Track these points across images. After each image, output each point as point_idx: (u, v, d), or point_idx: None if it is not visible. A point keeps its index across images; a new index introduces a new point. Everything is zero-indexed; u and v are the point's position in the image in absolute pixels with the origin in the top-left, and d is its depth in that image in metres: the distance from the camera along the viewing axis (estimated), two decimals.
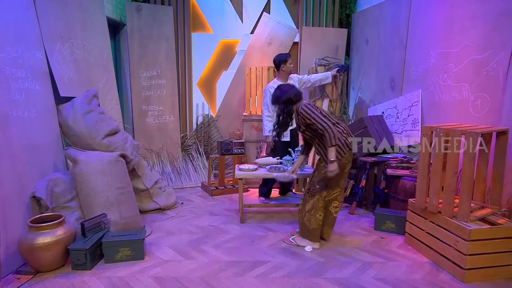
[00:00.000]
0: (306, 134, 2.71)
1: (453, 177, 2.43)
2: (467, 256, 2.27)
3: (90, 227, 2.59)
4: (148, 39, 4.51)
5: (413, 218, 2.81)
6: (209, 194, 4.24)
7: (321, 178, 2.68)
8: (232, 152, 4.28)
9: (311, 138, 2.70)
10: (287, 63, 3.73)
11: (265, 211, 3.71)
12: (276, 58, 3.78)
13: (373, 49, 4.42)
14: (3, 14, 2.48)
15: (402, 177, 3.29)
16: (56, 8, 3.08)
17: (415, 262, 2.57)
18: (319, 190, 2.70)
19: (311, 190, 2.74)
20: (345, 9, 4.96)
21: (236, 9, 4.89)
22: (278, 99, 2.72)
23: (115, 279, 2.31)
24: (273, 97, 2.78)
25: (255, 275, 2.37)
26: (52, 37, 2.98)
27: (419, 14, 3.65)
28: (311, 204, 2.73)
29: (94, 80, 3.54)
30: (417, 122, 3.62)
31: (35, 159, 2.67)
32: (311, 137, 2.69)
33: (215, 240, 2.94)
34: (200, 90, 5.06)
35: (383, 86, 4.24)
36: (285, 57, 3.74)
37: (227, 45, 4.96)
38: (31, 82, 2.63)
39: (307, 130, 2.65)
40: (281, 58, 3.74)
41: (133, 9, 4.41)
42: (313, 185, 2.74)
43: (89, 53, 3.48)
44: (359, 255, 2.67)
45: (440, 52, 3.35)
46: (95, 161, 2.84)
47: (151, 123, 4.65)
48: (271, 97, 2.84)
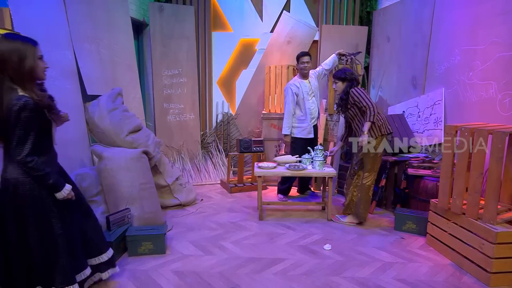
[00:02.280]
0: (349, 113, 3.13)
1: (479, 178, 2.37)
2: (493, 260, 2.21)
3: (114, 220, 2.68)
4: (170, 38, 4.61)
5: (435, 219, 2.75)
6: (228, 191, 4.30)
7: (359, 159, 3.08)
8: (251, 150, 4.31)
9: (352, 116, 3.12)
10: (298, 62, 3.78)
11: (284, 208, 3.73)
12: (297, 56, 3.86)
13: (395, 47, 4.34)
14: (37, 16, 2.60)
15: (424, 177, 3.23)
16: (84, 9, 3.21)
17: (437, 264, 2.52)
18: (357, 171, 3.12)
19: (352, 172, 3.18)
20: (365, 6, 4.89)
21: (256, 8, 4.91)
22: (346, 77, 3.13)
23: (138, 272, 2.38)
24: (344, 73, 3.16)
25: (274, 272, 2.40)
26: (80, 37, 3.10)
27: (443, 10, 3.56)
28: (354, 185, 3.16)
29: (119, 79, 3.65)
30: (440, 121, 3.54)
31: (64, 154, 2.77)
32: (353, 115, 3.11)
33: (234, 236, 2.98)
34: (220, 88, 5.12)
35: (404, 84, 4.16)
36: (299, 55, 3.79)
37: (246, 43, 5.00)
38: (61, 81, 2.75)
39: (352, 108, 3.09)
40: (297, 56, 3.83)
41: (156, 9, 4.51)
42: (352, 168, 3.17)
43: (114, 52, 3.59)
44: (378, 255, 2.65)
45: (465, 49, 3.26)
46: (119, 158, 2.94)
47: (172, 120, 4.75)
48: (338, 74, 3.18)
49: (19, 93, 1.60)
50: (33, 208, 1.69)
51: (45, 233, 1.73)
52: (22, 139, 1.58)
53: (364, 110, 2.96)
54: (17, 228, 1.69)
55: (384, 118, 3.11)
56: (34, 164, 1.63)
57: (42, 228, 1.72)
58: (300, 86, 3.78)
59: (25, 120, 1.57)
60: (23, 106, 1.56)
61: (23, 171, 1.65)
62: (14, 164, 1.65)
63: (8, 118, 1.56)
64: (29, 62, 1.61)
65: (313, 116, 3.87)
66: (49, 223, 1.74)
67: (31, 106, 1.58)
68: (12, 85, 1.60)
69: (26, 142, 1.59)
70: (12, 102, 1.56)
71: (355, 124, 3.13)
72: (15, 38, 1.63)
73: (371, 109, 2.92)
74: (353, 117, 3.13)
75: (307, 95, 3.80)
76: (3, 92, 1.58)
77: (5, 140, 1.64)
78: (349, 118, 3.19)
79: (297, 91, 3.77)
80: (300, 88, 3.78)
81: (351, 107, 3.10)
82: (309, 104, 3.81)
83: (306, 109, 3.80)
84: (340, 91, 3.19)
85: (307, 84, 3.82)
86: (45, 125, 1.71)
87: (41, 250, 1.72)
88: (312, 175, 3.44)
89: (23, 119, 1.56)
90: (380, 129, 3.01)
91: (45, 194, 1.72)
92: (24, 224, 1.69)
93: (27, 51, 1.61)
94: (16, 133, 1.57)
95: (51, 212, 1.75)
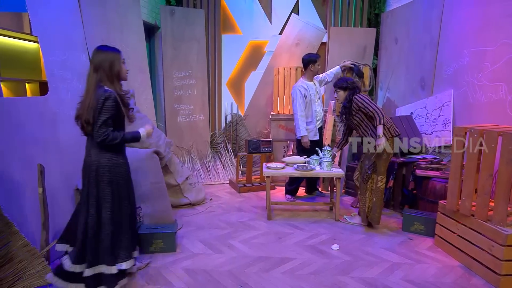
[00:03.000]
0: (355, 119, 3.14)
1: (488, 179, 2.37)
2: (503, 262, 2.21)
3: None
4: (180, 41, 4.69)
5: (443, 220, 2.76)
6: (237, 191, 4.35)
7: (371, 163, 3.05)
8: (260, 150, 4.35)
9: (359, 122, 3.13)
10: (315, 64, 3.77)
11: (292, 208, 3.76)
12: (306, 57, 3.83)
13: (403, 49, 4.35)
14: (54, 20, 2.69)
15: (432, 178, 3.23)
16: (98, 12, 3.29)
17: (445, 265, 2.53)
18: (370, 175, 3.07)
19: (365, 177, 3.09)
20: (374, 8, 4.90)
21: (265, 11, 4.96)
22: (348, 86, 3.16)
23: (149, 269, 2.44)
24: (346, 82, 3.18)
25: (282, 271, 2.43)
26: (95, 40, 3.18)
27: (452, 12, 3.56)
28: (368, 189, 3.09)
29: (131, 81, 3.72)
30: (449, 123, 3.53)
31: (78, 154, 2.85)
32: (359, 121, 3.12)
33: (243, 235, 3.03)
34: (229, 90, 5.18)
35: (412, 85, 4.16)
36: (315, 57, 3.78)
37: (255, 46, 5.05)
38: (77, 83, 2.83)
39: (358, 114, 3.10)
40: (311, 58, 3.79)
41: (167, 12, 4.60)
42: (365, 172, 3.08)
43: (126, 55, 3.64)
44: (386, 256, 2.66)
45: (474, 50, 3.26)
46: (132, 157, 2.99)
47: (182, 121, 4.82)
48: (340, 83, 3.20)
49: (106, 88, 1.99)
50: (110, 188, 2.04)
51: (116, 211, 2.07)
52: (104, 122, 1.94)
53: (371, 115, 3.00)
54: (96, 205, 2.02)
55: (390, 120, 3.13)
56: (112, 136, 1.97)
57: (114, 206, 2.06)
58: (307, 88, 3.81)
59: (108, 107, 1.95)
60: (108, 96, 1.95)
61: (103, 155, 2.02)
62: (96, 150, 2.03)
63: (96, 106, 1.93)
64: (117, 67, 2.05)
65: (318, 118, 3.90)
66: (120, 203, 2.09)
67: (114, 97, 1.97)
68: (102, 83, 2.00)
69: (106, 125, 1.96)
70: (101, 94, 1.95)
71: (362, 130, 3.14)
72: (105, 49, 2.05)
73: (379, 113, 2.96)
74: (360, 123, 3.13)
75: (314, 97, 3.83)
76: (96, 87, 1.98)
77: (92, 127, 1.99)
78: (355, 124, 3.18)
79: (305, 93, 3.79)
80: (308, 90, 3.81)
81: (356, 114, 3.11)
82: (315, 106, 3.84)
83: (313, 111, 3.83)
84: (342, 100, 3.20)
85: (314, 86, 3.85)
86: (120, 117, 2.07)
87: (111, 225, 2.05)
88: (320, 175, 3.47)
89: (107, 106, 1.94)
90: (390, 130, 3.03)
91: (119, 177, 2.09)
92: (101, 201, 2.03)
93: (114, 58, 2.04)
94: (100, 118, 1.94)
95: (123, 193, 2.10)
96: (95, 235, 2.02)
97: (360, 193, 3.18)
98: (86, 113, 1.95)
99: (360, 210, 3.21)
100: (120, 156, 2.13)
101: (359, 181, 3.20)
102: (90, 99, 1.96)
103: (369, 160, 3.08)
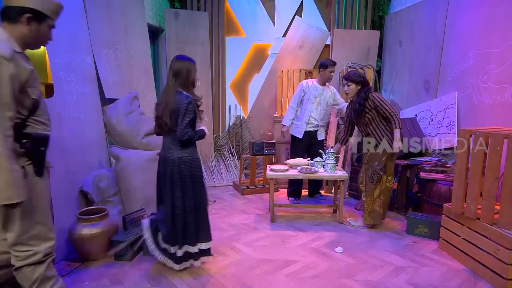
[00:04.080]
0: (366, 117, 3.09)
1: (494, 182, 2.35)
2: (509, 266, 2.19)
3: (130, 221, 2.75)
4: (185, 43, 4.71)
5: (448, 223, 2.74)
6: (240, 193, 4.35)
7: (383, 165, 3.07)
8: (263, 152, 4.36)
9: (370, 121, 3.09)
10: (325, 70, 3.76)
11: (295, 211, 3.75)
12: (321, 61, 3.86)
13: (407, 51, 4.34)
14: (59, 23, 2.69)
15: (437, 181, 3.21)
16: (103, 15, 3.32)
17: (450, 269, 2.51)
18: (381, 176, 3.09)
19: (375, 178, 3.08)
20: (377, 11, 4.90)
21: (269, 13, 4.98)
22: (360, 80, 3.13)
23: (153, 271, 2.44)
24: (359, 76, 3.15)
25: (286, 274, 2.43)
26: (100, 42, 3.21)
27: (457, 14, 3.55)
28: (378, 190, 3.11)
29: (135, 83, 3.75)
30: (453, 125, 3.51)
31: (83, 156, 2.89)
32: (370, 119, 3.08)
33: (247, 238, 3.02)
34: (233, 92, 5.19)
35: (416, 88, 4.15)
36: (326, 63, 3.77)
37: (259, 48, 5.06)
38: (81, 85, 2.85)
39: (371, 113, 3.06)
40: (322, 63, 3.80)
41: (172, 15, 4.63)
42: (375, 173, 3.07)
43: (131, 57, 3.70)
44: (390, 259, 2.65)
45: (479, 52, 3.24)
46: (135, 159, 3.02)
47: None
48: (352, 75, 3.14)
49: (185, 93, 2.26)
50: (190, 179, 2.32)
51: (197, 199, 2.35)
52: (187, 123, 2.21)
53: (387, 116, 3.00)
54: (181, 195, 2.30)
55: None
56: (192, 135, 2.25)
57: (195, 195, 2.35)
58: (311, 87, 3.82)
59: (191, 110, 2.22)
60: (191, 100, 2.22)
61: (184, 152, 2.29)
62: (178, 147, 2.29)
63: (178, 110, 2.20)
64: (193, 75, 2.31)
65: (309, 120, 3.87)
66: (199, 192, 2.37)
67: (193, 102, 2.25)
68: (180, 89, 2.28)
69: (188, 125, 2.22)
70: (183, 98, 2.21)
71: (371, 128, 3.10)
72: (183, 58, 2.31)
73: (398, 116, 2.98)
74: (370, 121, 3.09)
75: (313, 98, 3.82)
76: (175, 92, 2.25)
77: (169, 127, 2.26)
78: (365, 122, 3.12)
79: (306, 89, 3.82)
80: (310, 89, 3.81)
81: (369, 112, 3.07)
82: (310, 107, 3.83)
83: (306, 110, 3.84)
84: (352, 94, 3.14)
85: (319, 90, 3.84)
86: (195, 118, 2.32)
87: (194, 211, 2.34)
88: (323, 178, 3.46)
89: (190, 109, 2.22)
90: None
91: (197, 170, 2.36)
92: (184, 191, 2.31)
93: (191, 67, 2.30)
94: (185, 119, 2.20)
95: (199, 184, 2.38)
96: (184, 222, 2.32)
97: (366, 194, 3.15)
98: (166, 114, 2.22)
99: (365, 211, 3.19)
100: (196, 152, 2.39)
101: (363, 183, 3.18)
102: (169, 102, 2.22)
103: (379, 161, 3.06)
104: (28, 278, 1.61)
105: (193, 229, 2.36)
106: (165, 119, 2.23)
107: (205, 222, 2.43)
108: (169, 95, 2.24)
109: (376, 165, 3.07)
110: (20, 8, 1.44)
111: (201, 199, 2.39)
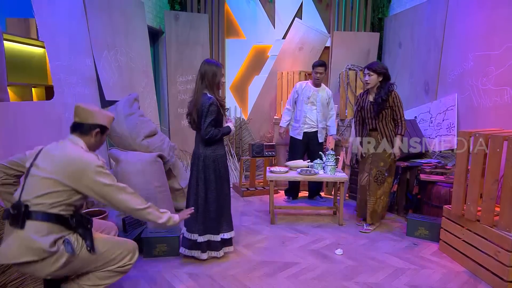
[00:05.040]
0: (382, 113, 3.10)
1: (494, 184, 2.35)
2: (510, 268, 2.19)
3: (130, 223, 2.75)
4: (185, 45, 4.72)
5: (448, 225, 2.74)
6: (240, 195, 4.34)
7: (389, 166, 3.13)
8: (263, 154, 4.36)
9: (384, 117, 3.10)
10: (312, 71, 3.81)
11: (295, 213, 3.75)
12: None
13: (407, 52, 4.35)
14: (60, 26, 2.73)
15: (437, 182, 3.21)
16: (104, 18, 3.33)
17: (450, 271, 2.50)
18: (386, 177, 3.14)
19: (380, 178, 3.13)
20: (377, 13, 4.92)
21: (269, 15, 4.99)
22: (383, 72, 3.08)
23: (153, 273, 2.44)
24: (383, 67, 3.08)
25: (286, 276, 2.42)
26: (100, 45, 3.22)
27: (456, 16, 3.56)
28: (381, 190, 3.16)
29: (135, 85, 3.76)
30: (453, 127, 3.52)
31: None
32: (384, 116, 3.10)
33: (247, 240, 3.02)
34: (233, 93, 5.20)
35: (416, 89, 4.15)
36: (314, 64, 3.80)
37: (259, 50, 5.07)
38: (81, 87, 2.86)
39: (386, 110, 3.08)
40: (312, 64, 3.83)
41: (172, 17, 4.64)
42: (381, 174, 3.12)
43: (131, 59, 3.71)
44: (391, 261, 2.64)
45: (479, 54, 3.25)
46: (135, 161, 3.02)
47: (186, 125, 4.81)
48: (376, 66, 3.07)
49: (208, 95, 2.42)
50: (214, 174, 2.52)
51: (219, 191, 2.55)
52: (208, 123, 2.39)
53: (397, 120, 3.08)
54: (204, 187, 2.51)
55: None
56: (214, 134, 2.42)
57: (218, 187, 2.54)
58: (304, 88, 3.84)
59: (212, 111, 2.38)
60: (212, 102, 2.38)
61: (208, 148, 2.48)
62: (203, 144, 2.49)
63: (202, 111, 2.38)
64: (218, 78, 2.46)
65: (306, 121, 3.88)
66: (222, 185, 2.57)
67: (216, 103, 2.41)
68: (205, 90, 2.44)
69: (211, 125, 2.40)
70: (206, 100, 2.38)
71: (383, 125, 3.12)
72: (210, 62, 2.46)
73: (405, 124, 3.08)
74: (383, 118, 3.11)
75: (306, 99, 3.83)
76: (201, 93, 2.43)
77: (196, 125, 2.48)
78: (379, 118, 3.10)
79: (299, 91, 3.85)
80: (303, 90, 3.83)
81: (387, 108, 3.07)
82: (305, 108, 3.85)
83: (300, 111, 3.86)
84: (373, 84, 3.05)
85: (312, 91, 3.83)
86: (220, 117, 2.50)
87: (217, 203, 2.54)
88: (323, 179, 3.46)
89: (211, 111, 2.38)
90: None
91: (221, 165, 2.54)
92: (208, 184, 2.51)
93: (217, 71, 2.44)
94: (206, 120, 2.38)
95: (223, 177, 2.57)
96: (204, 211, 2.52)
97: (370, 194, 3.17)
98: (194, 113, 2.42)
99: (369, 210, 3.19)
100: (221, 148, 2.55)
101: (368, 183, 3.18)
102: (197, 102, 2.42)
103: (385, 162, 3.11)
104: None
105: (215, 219, 2.54)
106: (194, 116, 2.43)
107: (227, 214, 2.63)
108: (196, 95, 2.44)
109: (382, 166, 3.11)
110: (94, 124, 1.77)
111: (223, 192, 2.58)
